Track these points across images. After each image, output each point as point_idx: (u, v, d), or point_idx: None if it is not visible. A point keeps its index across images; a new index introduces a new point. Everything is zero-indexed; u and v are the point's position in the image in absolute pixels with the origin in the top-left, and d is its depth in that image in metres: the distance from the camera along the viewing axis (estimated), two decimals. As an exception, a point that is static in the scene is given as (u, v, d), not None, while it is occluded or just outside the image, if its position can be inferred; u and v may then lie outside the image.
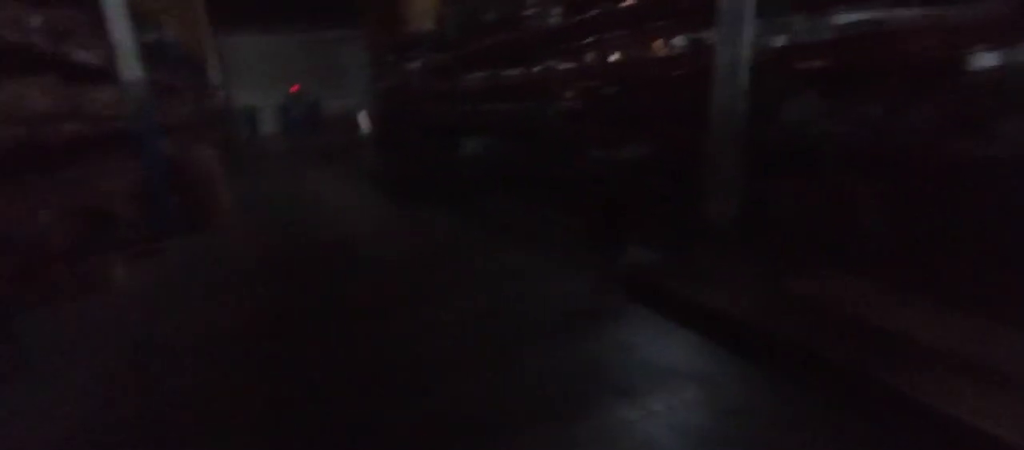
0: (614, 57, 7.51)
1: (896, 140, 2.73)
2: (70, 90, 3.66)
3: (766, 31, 3.44)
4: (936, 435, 1.76)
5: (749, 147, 3.32)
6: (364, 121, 17.65)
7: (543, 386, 2.25)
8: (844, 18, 3.27)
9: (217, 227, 5.35)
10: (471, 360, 2.50)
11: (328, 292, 3.50)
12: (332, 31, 21.43)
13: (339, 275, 3.79)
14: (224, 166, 9.50)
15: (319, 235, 5.00)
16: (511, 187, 6.30)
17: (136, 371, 2.68)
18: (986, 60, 2.52)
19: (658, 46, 7.81)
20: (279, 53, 21.71)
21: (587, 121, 5.90)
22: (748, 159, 3.32)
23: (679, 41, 6.51)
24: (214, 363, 2.69)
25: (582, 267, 3.50)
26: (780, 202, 3.23)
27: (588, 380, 2.27)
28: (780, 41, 3.44)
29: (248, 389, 2.44)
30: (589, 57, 8.02)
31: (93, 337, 3.00)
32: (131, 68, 4.96)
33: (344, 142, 15.16)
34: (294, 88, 21.70)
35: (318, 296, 3.45)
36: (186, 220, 5.23)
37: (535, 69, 8.32)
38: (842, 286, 2.63)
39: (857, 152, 2.94)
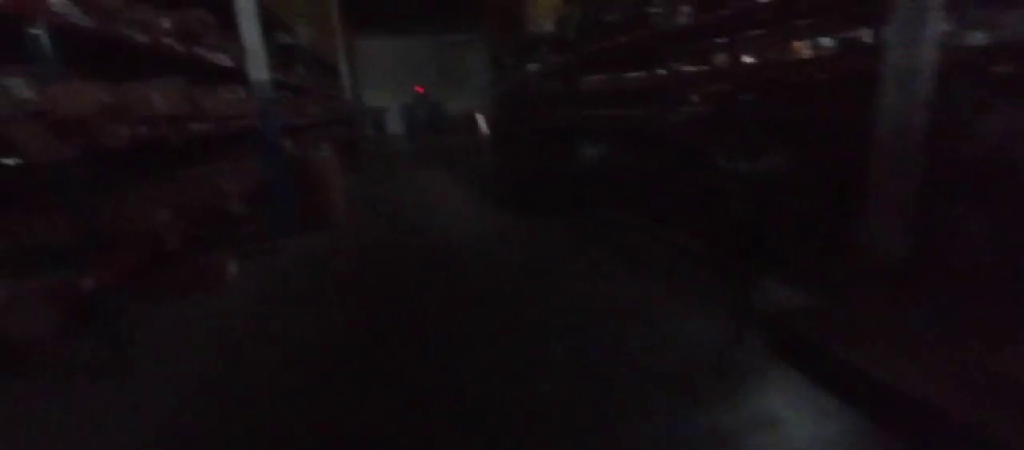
0: (751, 59, 6.83)
1: None
2: (197, 91, 3.76)
3: (956, 28, 2.79)
4: None
5: (928, 169, 2.68)
6: (482, 122, 17.82)
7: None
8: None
9: (330, 229, 5.41)
10: (570, 418, 2.14)
11: (428, 310, 3.30)
12: (457, 34, 21.93)
13: (441, 291, 3.59)
14: (346, 166, 9.91)
15: (427, 242, 4.87)
16: (630, 198, 5.85)
17: (237, 373, 2.63)
18: None
19: (801, 47, 7.03)
20: (407, 56, 22.57)
21: (716, 129, 5.32)
22: (926, 184, 2.68)
23: (829, 40, 5.75)
24: (307, 372, 2.58)
25: (710, 304, 3.01)
26: (969, 242, 2.57)
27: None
28: (975, 39, 2.77)
29: (338, 406, 2.29)
30: (721, 59, 7.37)
31: (199, 336, 3.03)
32: (259, 69, 5.14)
33: (463, 143, 15.36)
34: (419, 90, 22.47)
35: (418, 313, 3.26)
36: (302, 221, 5.34)
37: (660, 71, 7.80)
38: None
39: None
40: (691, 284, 3.27)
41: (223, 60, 4.69)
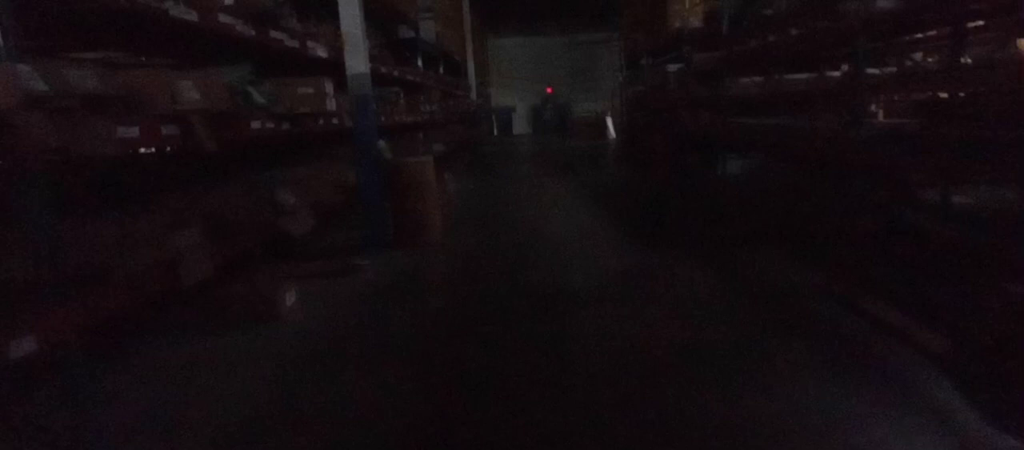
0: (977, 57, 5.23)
1: None
2: (267, 83, 3.13)
3: None
4: None
5: None
6: (611, 126, 16.68)
7: None
8: None
9: (425, 248, 4.66)
10: None
11: (525, 400, 2.30)
12: (592, 33, 20.92)
13: (545, 371, 2.54)
14: (461, 170, 9.30)
15: (534, 280, 3.80)
16: (797, 237, 4.54)
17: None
18: None
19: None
20: (538, 54, 21.87)
21: (928, 152, 3.89)
22: None
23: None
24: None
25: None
26: None
27: None
28: None
29: None
30: (929, 58, 5.76)
31: (202, 405, 2.30)
32: (358, 61, 4.51)
33: (590, 148, 14.33)
34: (549, 90, 21.72)
35: (509, 404, 2.28)
36: (394, 236, 4.65)
37: (836, 73, 6.31)
38: None
39: None
40: (936, 417, 1.93)
41: (315, 49, 4.11)
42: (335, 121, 4.33)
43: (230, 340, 2.80)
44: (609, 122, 17.12)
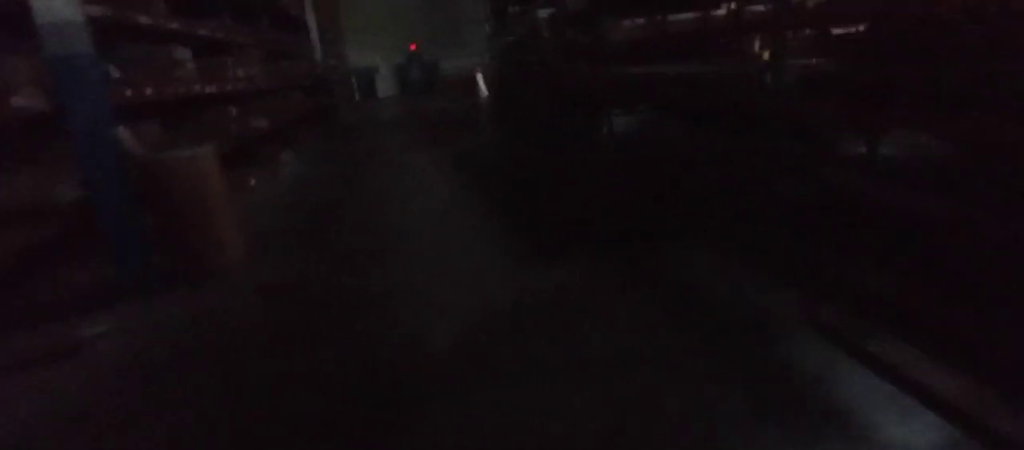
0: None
1: None
2: None
3: None
4: None
5: None
6: (482, 83, 15.35)
7: None
8: None
9: (214, 281, 3.14)
10: None
11: None
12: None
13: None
14: (302, 148, 7.52)
15: (376, 331, 2.45)
16: (726, 222, 3.56)
17: None
18: None
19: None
20: (400, 8, 19.78)
21: (847, 94, 2.98)
22: None
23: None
24: None
25: None
26: None
27: None
28: None
29: None
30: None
31: None
32: (56, 4, 2.80)
33: (460, 109, 12.90)
34: (413, 47, 19.79)
35: None
36: (155, 271, 3.08)
37: (738, 6, 5.43)
38: None
39: None
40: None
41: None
42: (20, 103, 2.65)
43: None
44: (480, 78, 15.76)
